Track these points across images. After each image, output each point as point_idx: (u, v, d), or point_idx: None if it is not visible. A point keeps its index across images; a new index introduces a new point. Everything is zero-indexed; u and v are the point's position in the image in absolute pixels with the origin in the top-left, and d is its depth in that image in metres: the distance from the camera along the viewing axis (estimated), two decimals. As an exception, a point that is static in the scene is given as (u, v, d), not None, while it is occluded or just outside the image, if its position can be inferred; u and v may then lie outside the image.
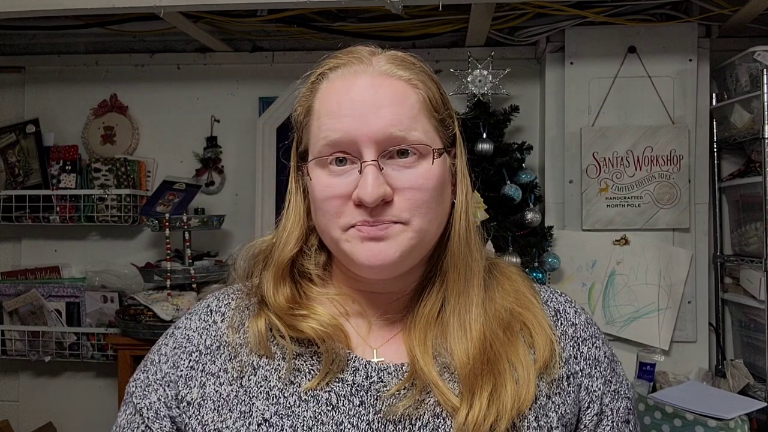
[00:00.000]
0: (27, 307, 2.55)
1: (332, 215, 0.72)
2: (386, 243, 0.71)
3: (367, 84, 0.72)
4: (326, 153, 0.72)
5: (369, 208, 0.70)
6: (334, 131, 0.71)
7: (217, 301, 0.83)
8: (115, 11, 1.97)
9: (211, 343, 0.78)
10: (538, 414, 0.73)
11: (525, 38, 2.40)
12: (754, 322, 2.17)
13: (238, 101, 2.61)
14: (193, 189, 2.47)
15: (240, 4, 1.98)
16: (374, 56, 0.76)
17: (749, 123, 2.11)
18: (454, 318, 0.75)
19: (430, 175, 0.72)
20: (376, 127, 0.70)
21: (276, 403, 0.72)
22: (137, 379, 0.80)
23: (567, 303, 0.84)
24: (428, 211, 0.72)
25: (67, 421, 2.64)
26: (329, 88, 0.74)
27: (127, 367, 2.25)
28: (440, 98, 0.77)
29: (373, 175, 0.69)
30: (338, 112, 0.71)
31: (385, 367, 0.75)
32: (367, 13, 2.43)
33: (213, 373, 0.76)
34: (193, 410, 0.74)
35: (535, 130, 2.48)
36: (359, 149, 0.71)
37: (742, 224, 2.26)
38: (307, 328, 0.74)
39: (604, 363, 0.80)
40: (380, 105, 0.71)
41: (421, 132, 0.72)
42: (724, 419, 1.77)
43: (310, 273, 0.80)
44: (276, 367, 0.75)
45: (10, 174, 2.63)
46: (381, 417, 0.71)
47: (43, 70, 2.69)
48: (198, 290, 2.30)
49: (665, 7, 2.28)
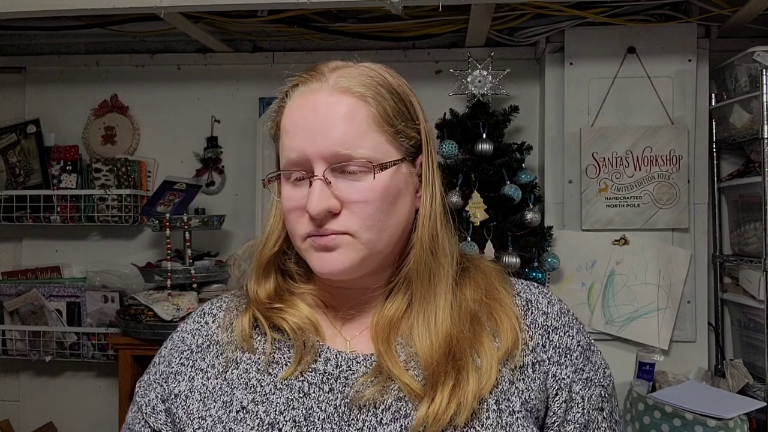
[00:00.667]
0: (28, 306, 2.55)
1: (293, 224, 0.79)
2: (336, 253, 0.76)
3: (319, 102, 0.77)
4: (287, 168, 0.79)
5: (315, 220, 0.75)
6: (292, 150, 0.77)
7: (211, 305, 0.91)
8: (116, 12, 1.98)
9: (202, 342, 0.86)
10: (499, 398, 0.76)
11: (525, 39, 2.40)
12: (754, 322, 2.17)
13: (239, 101, 2.62)
14: (193, 189, 2.48)
15: (240, 4, 1.99)
16: (335, 71, 0.79)
17: (748, 123, 2.12)
18: (419, 321, 0.79)
19: (374, 188, 0.76)
20: (323, 146, 0.75)
21: (253, 392, 0.79)
22: (142, 381, 0.88)
23: (540, 294, 0.86)
24: (375, 223, 0.77)
25: (68, 420, 2.65)
26: (290, 106, 0.80)
27: (128, 366, 2.26)
28: (398, 110, 0.79)
29: (319, 189, 0.75)
30: (294, 132, 0.78)
31: (354, 357, 0.80)
32: (367, 14, 2.43)
33: (202, 369, 0.83)
34: (180, 401, 0.81)
35: (534, 131, 2.49)
36: (311, 165, 0.76)
37: (742, 224, 2.27)
38: (283, 321, 0.81)
39: (576, 351, 0.82)
40: (329, 124, 0.75)
41: (368, 148, 0.76)
42: (723, 419, 1.77)
43: (291, 270, 0.86)
44: (256, 360, 0.81)
45: (11, 174, 2.63)
46: (347, 402, 0.76)
47: (43, 70, 2.70)
48: (198, 290, 2.31)
49: (665, 8, 2.29)
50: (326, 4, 2.02)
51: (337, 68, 0.81)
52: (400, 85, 0.82)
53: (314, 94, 0.78)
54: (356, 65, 0.82)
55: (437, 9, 1.97)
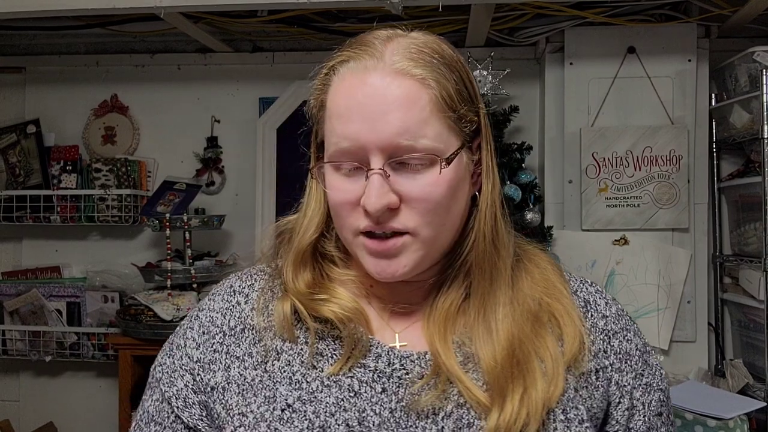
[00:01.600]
0: (28, 307, 2.55)
1: (343, 218, 0.72)
2: (396, 259, 0.71)
3: (376, 84, 0.68)
4: (337, 159, 0.71)
5: (374, 216, 0.69)
6: (344, 139, 0.69)
7: (240, 281, 0.82)
8: (116, 12, 1.98)
9: (235, 325, 0.78)
10: (566, 407, 0.71)
11: (525, 39, 2.40)
12: (754, 322, 2.17)
13: (239, 101, 2.62)
14: (193, 189, 2.48)
15: (240, 4, 1.99)
16: (388, 45, 0.71)
17: (748, 123, 2.12)
18: (480, 319, 0.73)
19: (438, 183, 0.69)
20: (383, 135, 0.67)
21: (299, 388, 0.72)
22: (163, 364, 0.80)
23: (597, 294, 0.82)
24: (435, 220, 0.70)
25: (68, 420, 2.65)
26: (339, 84, 0.71)
27: (128, 366, 2.26)
28: (459, 92, 0.72)
29: (378, 183, 0.68)
30: (347, 116, 0.69)
31: (407, 355, 0.73)
32: (367, 14, 2.43)
33: (237, 356, 0.75)
34: (218, 395, 0.74)
35: (534, 131, 2.49)
36: (367, 156, 0.69)
37: (742, 224, 2.27)
38: (328, 312, 0.73)
39: (636, 356, 0.79)
40: (388, 109, 0.67)
41: (431, 137, 0.69)
42: (723, 419, 1.77)
43: (332, 255, 0.79)
44: (299, 351, 0.74)
45: (11, 174, 2.63)
46: (403, 406, 0.70)
47: (43, 70, 2.70)
48: (198, 290, 2.31)
49: (665, 8, 2.29)
50: (326, 4, 2.02)
51: (389, 40, 0.71)
52: (459, 61, 0.74)
53: (368, 73, 0.69)
54: (408, 35, 0.73)
55: (437, 9, 1.97)
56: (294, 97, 2.51)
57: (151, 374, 0.81)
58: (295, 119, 2.52)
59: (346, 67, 0.71)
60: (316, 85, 0.76)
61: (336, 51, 0.74)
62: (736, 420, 1.78)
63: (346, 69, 0.71)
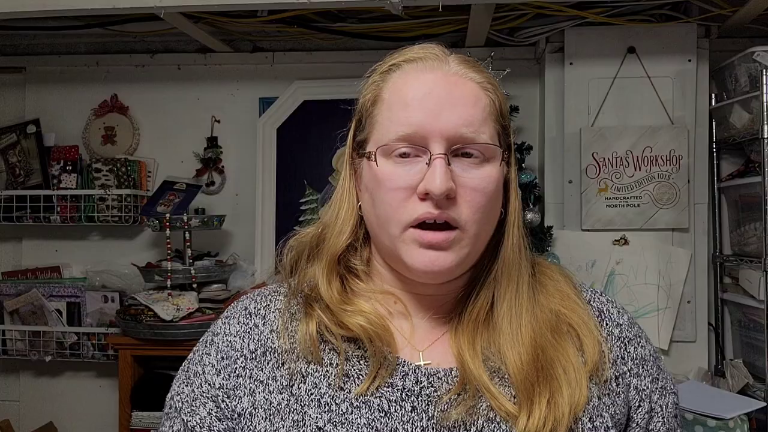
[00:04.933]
0: (28, 307, 2.55)
1: (395, 207, 0.72)
2: (446, 252, 0.71)
3: (441, 81, 0.73)
4: (394, 144, 0.72)
5: (434, 200, 0.69)
6: (407, 125, 0.71)
7: (255, 303, 0.81)
8: (116, 12, 1.98)
9: (255, 348, 0.76)
10: (593, 415, 0.72)
11: (524, 39, 2.40)
12: (754, 322, 2.17)
13: (239, 101, 2.62)
14: (193, 189, 2.48)
15: (240, 4, 1.99)
16: (448, 56, 0.76)
17: (748, 123, 2.12)
18: (505, 324, 0.74)
19: (493, 177, 0.73)
20: (448, 124, 0.70)
21: (329, 411, 0.70)
22: (182, 393, 0.77)
23: (609, 303, 0.83)
24: (483, 217, 0.73)
25: (68, 420, 2.65)
26: (403, 79, 0.74)
27: (128, 366, 2.26)
28: (504, 106, 0.78)
29: (442, 167, 0.69)
30: (411, 105, 0.72)
31: (434, 372, 0.73)
32: (368, 14, 2.43)
33: (261, 380, 0.74)
34: (245, 422, 0.72)
35: (534, 131, 2.49)
36: (428, 143, 0.71)
37: (742, 224, 2.26)
38: (356, 325, 0.73)
39: (650, 361, 0.81)
40: (454, 103, 0.71)
41: (488, 136, 0.73)
42: (723, 419, 1.77)
43: (356, 268, 0.79)
44: (325, 373, 0.73)
45: (11, 174, 2.63)
46: (435, 423, 0.70)
47: (43, 70, 2.70)
48: (198, 290, 2.31)
49: (664, 8, 2.29)
50: (326, 4, 2.02)
51: (447, 54, 0.77)
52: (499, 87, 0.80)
53: (434, 71, 0.73)
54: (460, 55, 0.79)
55: (437, 9, 1.97)
56: (294, 97, 2.51)
57: (168, 404, 0.79)
58: (295, 119, 2.52)
59: (410, 65, 0.75)
60: (373, 80, 0.78)
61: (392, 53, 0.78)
62: (736, 420, 1.78)
63: (410, 66, 0.75)
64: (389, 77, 0.76)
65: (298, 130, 2.50)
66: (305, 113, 2.50)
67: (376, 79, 0.78)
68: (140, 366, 2.30)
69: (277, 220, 2.48)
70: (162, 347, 2.16)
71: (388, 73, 0.76)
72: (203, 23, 2.38)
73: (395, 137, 0.71)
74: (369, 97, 0.77)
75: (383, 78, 0.76)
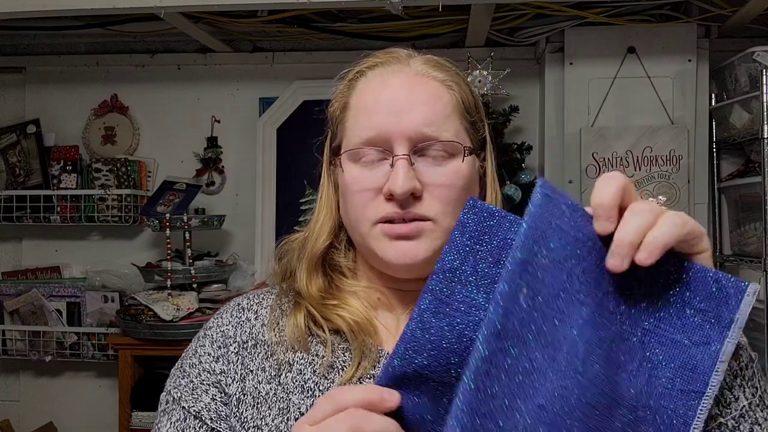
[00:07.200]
0: (28, 307, 2.55)
1: (362, 208, 0.74)
2: (415, 242, 0.72)
3: (402, 83, 0.74)
4: (359, 147, 0.74)
5: (399, 200, 0.71)
6: (369, 129, 0.73)
7: (248, 300, 0.83)
8: (116, 12, 1.98)
9: (246, 339, 0.78)
10: None
11: (524, 39, 2.40)
12: (754, 322, 2.17)
13: (239, 101, 2.62)
14: (193, 189, 2.48)
15: (240, 4, 1.99)
16: (411, 57, 0.78)
17: (748, 123, 2.12)
18: None
19: (461, 173, 0.74)
20: (409, 125, 0.72)
21: (311, 396, 0.72)
22: (179, 386, 0.78)
23: None
24: (455, 209, 0.72)
25: (68, 420, 2.65)
26: (366, 85, 0.77)
27: (128, 366, 2.26)
28: (472, 101, 0.79)
29: (404, 168, 0.71)
30: (373, 109, 0.74)
31: None
32: (368, 14, 2.43)
33: (252, 369, 0.76)
34: (233, 407, 0.74)
35: (534, 131, 2.49)
36: (391, 144, 0.72)
37: (742, 224, 2.26)
38: (339, 318, 0.75)
39: None
40: (414, 103, 0.73)
41: (452, 132, 0.74)
42: (723, 419, 1.77)
43: (341, 266, 0.81)
44: (311, 361, 0.75)
45: (11, 174, 2.63)
46: None
47: (43, 70, 2.70)
48: (198, 290, 2.31)
49: (664, 8, 2.29)
50: (326, 4, 2.02)
51: (411, 56, 0.79)
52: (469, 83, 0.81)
53: (395, 75, 0.76)
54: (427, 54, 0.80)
55: (437, 9, 1.97)
56: (294, 97, 2.51)
57: (163, 399, 0.79)
58: (295, 119, 2.52)
59: (373, 71, 0.77)
60: (340, 89, 0.80)
61: (358, 60, 0.80)
62: (736, 420, 1.78)
63: (373, 72, 0.77)
64: (356, 84, 0.78)
65: (298, 130, 2.50)
66: (305, 113, 2.50)
67: (342, 88, 0.80)
68: (140, 366, 2.30)
69: (277, 220, 2.48)
70: (162, 347, 2.16)
71: (354, 80, 0.78)
72: (203, 23, 2.38)
73: (360, 141, 0.74)
74: (337, 105, 0.80)
75: (350, 85, 0.79)
